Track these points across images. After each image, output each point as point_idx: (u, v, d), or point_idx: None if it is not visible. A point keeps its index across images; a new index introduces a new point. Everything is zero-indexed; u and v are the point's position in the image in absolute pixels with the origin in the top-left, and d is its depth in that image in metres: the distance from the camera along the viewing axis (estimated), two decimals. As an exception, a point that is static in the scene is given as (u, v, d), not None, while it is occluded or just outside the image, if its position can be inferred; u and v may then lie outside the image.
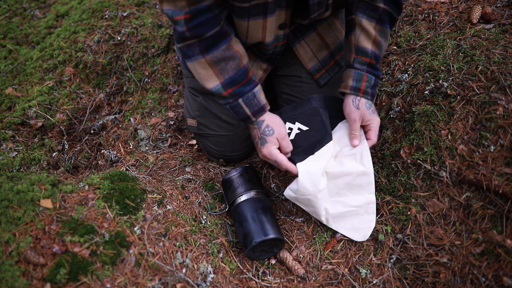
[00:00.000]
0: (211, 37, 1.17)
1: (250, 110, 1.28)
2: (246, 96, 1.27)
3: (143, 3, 2.11)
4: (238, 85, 1.25)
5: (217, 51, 1.20)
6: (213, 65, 1.22)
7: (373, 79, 1.34)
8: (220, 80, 1.24)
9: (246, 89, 1.26)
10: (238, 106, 1.27)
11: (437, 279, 1.21)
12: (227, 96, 1.26)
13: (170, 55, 1.97)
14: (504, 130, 1.23)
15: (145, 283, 1.09)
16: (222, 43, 1.20)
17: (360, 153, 1.36)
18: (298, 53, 1.51)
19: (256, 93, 1.28)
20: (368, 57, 1.32)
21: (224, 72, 1.23)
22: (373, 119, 1.34)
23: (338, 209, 1.35)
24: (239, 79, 1.25)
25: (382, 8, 1.27)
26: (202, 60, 1.21)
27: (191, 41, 1.18)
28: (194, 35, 1.16)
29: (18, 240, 1.06)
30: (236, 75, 1.24)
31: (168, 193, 1.38)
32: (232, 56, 1.22)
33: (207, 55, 1.20)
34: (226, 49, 1.21)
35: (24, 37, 2.20)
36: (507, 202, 1.17)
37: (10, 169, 1.57)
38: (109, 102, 1.95)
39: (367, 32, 1.30)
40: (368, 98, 1.34)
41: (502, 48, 1.38)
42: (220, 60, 1.21)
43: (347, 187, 1.36)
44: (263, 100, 1.29)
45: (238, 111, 1.29)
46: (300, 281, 1.26)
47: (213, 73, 1.23)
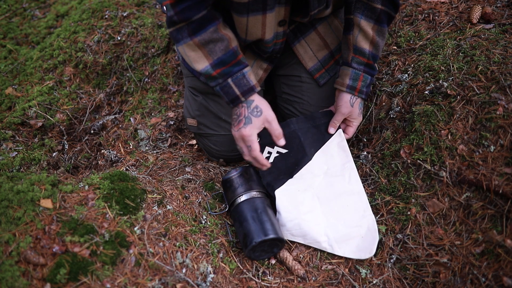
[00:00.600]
0: (199, 20, 1.20)
1: (239, 90, 1.27)
2: (235, 76, 1.27)
3: (143, 3, 2.11)
4: (227, 65, 1.26)
5: (205, 33, 1.22)
6: (201, 47, 1.24)
7: (369, 78, 1.40)
8: (209, 61, 1.25)
9: (235, 69, 1.26)
10: (227, 86, 1.27)
11: (437, 279, 1.21)
12: (216, 76, 1.27)
13: (170, 55, 1.97)
14: (504, 130, 1.23)
15: (145, 283, 1.09)
16: (210, 26, 1.22)
17: (348, 174, 1.44)
18: (298, 52, 1.51)
19: (245, 73, 1.28)
20: (366, 57, 1.37)
21: (213, 53, 1.24)
22: (358, 119, 1.46)
23: (339, 230, 1.34)
24: (228, 60, 1.25)
25: (380, 9, 1.30)
26: (191, 42, 1.23)
27: (179, 25, 1.21)
28: (181, 18, 1.19)
29: (18, 240, 1.06)
30: (224, 56, 1.25)
31: (168, 193, 1.38)
32: (220, 37, 1.23)
33: (195, 38, 1.22)
34: (214, 31, 1.22)
35: (24, 37, 2.20)
36: (507, 202, 1.17)
37: (10, 169, 1.57)
38: (109, 102, 1.95)
39: (365, 32, 1.34)
40: (362, 97, 1.42)
41: (502, 48, 1.38)
42: (208, 41, 1.23)
43: (342, 209, 1.39)
44: (252, 81, 1.28)
45: (227, 91, 1.29)
46: (300, 281, 1.26)
47: (202, 55, 1.25)
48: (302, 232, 1.31)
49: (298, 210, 1.34)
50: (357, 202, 1.39)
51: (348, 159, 1.45)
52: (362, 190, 1.40)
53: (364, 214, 1.36)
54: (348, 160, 1.45)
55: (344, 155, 1.46)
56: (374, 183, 1.45)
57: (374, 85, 1.60)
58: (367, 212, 1.36)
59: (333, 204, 1.39)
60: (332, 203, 1.39)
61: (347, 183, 1.42)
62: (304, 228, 1.31)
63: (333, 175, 1.44)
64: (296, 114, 1.58)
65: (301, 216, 1.33)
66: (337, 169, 1.45)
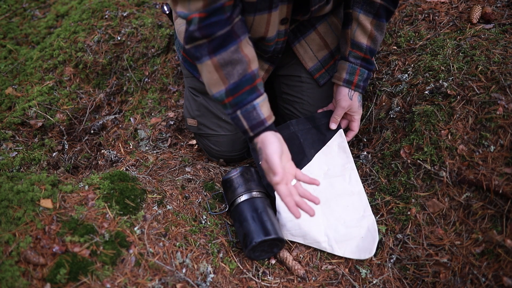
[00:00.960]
0: (221, 37, 1.12)
1: (248, 124, 1.17)
2: (245, 108, 1.17)
3: (143, 3, 2.11)
4: (240, 92, 1.17)
5: (225, 53, 1.13)
6: (219, 69, 1.15)
7: (366, 72, 1.40)
8: (225, 85, 1.16)
9: (247, 99, 1.17)
10: (237, 118, 1.19)
11: (437, 279, 1.21)
12: (227, 105, 1.19)
13: (170, 55, 1.97)
14: (504, 130, 1.23)
15: (145, 283, 1.09)
16: (231, 44, 1.14)
17: (349, 175, 1.44)
18: (298, 52, 1.51)
19: (256, 105, 1.17)
20: (363, 51, 1.38)
21: (230, 77, 1.15)
22: (358, 112, 1.45)
23: (339, 231, 1.34)
24: (243, 85, 1.16)
25: (379, 4, 1.31)
26: (209, 62, 1.15)
27: (200, 41, 1.13)
28: (204, 34, 1.11)
29: (18, 240, 1.06)
30: (241, 80, 1.16)
31: (168, 193, 1.38)
32: (240, 59, 1.15)
33: (214, 57, 1.14)
34: (235, 51, 1.14)
35: (24, 37, 2.20)
36: (507, 202, 1.17)
37: (10, 169, 1.57)
38: (109, 102, 1.95)
39: (363, 27, 1.34)
40: (359, 91, 1.42)
41: (502, 48, 1.38)
42: (227, 63, 1.14)
43: (342, 209, 1.38)
44: (264, 113, 1.17)
45: (238, 124, 1.20)
46: (300, 281, 1.26)
47: (219, 78, 1.16)
48: (302, 232, 1.31)
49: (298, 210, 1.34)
50: (357, 202, 1.39)
51: (348, 160, 1.45)
52: (362, 190, 1.41)
53: (364, 214, 1.36)
54: (349, 161, 1.45)
55: (345, 155, 1.46)
56: (374, 183, 1.45)
57: (374, 85, 1.60)
58: (367, 213, 1.36)
59: (333, 204, 1.39)
60: (332, 204, 1.39)
61: (347, 184, 1.42)
62: (304, 228, 1.31)
63: (333, 175, 1.44)
64: (296, 114, 1.58)
65: (301, 216, 1.33)
66: (338, 170, 1.45)
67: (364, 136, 1.56)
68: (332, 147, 1.46)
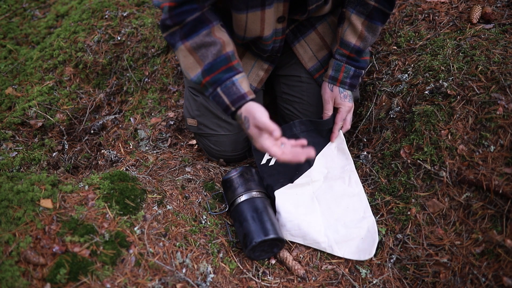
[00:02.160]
0: (191, 22, 1.15)
1: (228, 99, 1.18)
2: (224, 84, 1.18)
3: (143, 3, 2.11)
4: (216, 71, 1.18)
5: (197, 37, 1.16)
6: (193, 52, 1.18)
7: (352, 69, 1.41)
8: (201, 66, 1.18)
9: (224, 76, 1.18)
10: (217, 95, 1.20)
11: (437, 279, 1.21)
12: (206, 85, 1.20)
13: (170, 55, 1.97)
14: (504, 130, 1.23)
15: (145, 283, 1.09)
16: (203, 29, 1.17)
17: (348, 177, 1.44)
18: (298, 52, 1.51)
19: (235, 80, 1.18)
20: (349, 50, 1.39)
21: (205, 58, 1.18)
22: (343, 103, 1.43)
23: (339, 231, 1.34)
24: (218, 65, 1.18)
25: (373, 6, 1.31)
26: (182, 47, 1.18)
27: (173, 28, 1.17)
28: (175, 21, 1.16)
29: (18, 240, 1.06)
30: (215, 61, 1.17)
31: (168, 193, 1.38)
32: (213, 41, 1.17)
33: (186, 41, 1.17)
34: (207, 34, 1.17)
35: (24, 37, 2.20)
36: (507, 202, 1.17)
37: (10, 169, 1.57)
38: (109, 102, 1.95)
39: (354, 27, 1.35)
40: (346, 88, 1.42)
41: (502, 48, 1.38)
42: (200, 46, 1.17)
43: (342, 210, 1.39)
44: (244, 89, 1.18)
45: (218, 101, 1.21)
46: (300, 281, 1.26)
47: (194, 60, 1.19)
48: (301, 233, 1.31)
49: (297, 211, 1.34)
50: (357, 203, 1.39)
51: (348, 162, 1.45)
52: (362, 191, 1.41)
53: (364, 215, 1.36)
54: (348, 163, 1.45)
55: (344, 157, 1.46)
56: (374, 183, 1.45)
57: (374, 85, 1.60)
58: (367, 214, 1.36)
59: (333, 206, 1.39)
60: (332, 205, 1.39)
61: (347, 186, 1.42)
62: (304, 228, 1.31)
63: (333, 178, 1.44)
64: (296, 114, 1.58)
65: (300, 217, 1.33)
66: (337, 172, 1.45)
67: (364, 136, 1.56)
68: (331, 149, 1.47)
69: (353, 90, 1.45)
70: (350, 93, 1.44)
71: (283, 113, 1.64)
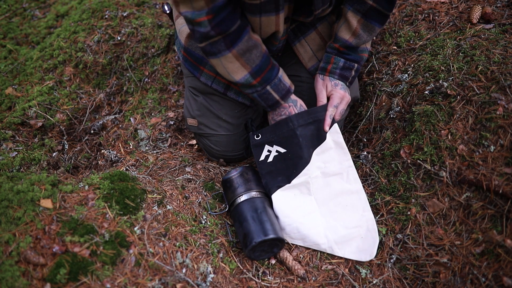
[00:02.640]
0: (235, 31, 1.19)
1: (278, 95, 1.34)
2: (273, 82, 1.32)
3: (143, 3, 2.11)
4: (265, 71, 1.29)
5: (241, 43, 1.22)
6: (239, 57, 1.24)
7: (342, 61, 1.42)
8: (248, 69, 1.27)
9: (272, 74, 1.31)
10: (266, 93, 1.32)
11: (437, 279, 1.21)
12: (256, 85, 1.30)
13: (170, 55, 1.97)
14: (504, 130, 1.23)
15: (145, 283, 1.09)
16: (244, 35, 1.22)
17: (346, 173, 1.42)
18: (298, 52, 1.51)
19: (281, 77, 1.34)
20: (339, 44, 1.41)
21: (251, 62, 1.26)
22: (335, 90, 1.42)
23: (338, 232, 1.33)
24: (265, 66, 1.29)
25: (370, 5, 1.31)
26: (229, 54, 1.23)
27: (215, 38, 1.19)
28: (219, 32, 1.17)
29: (18, 240, 1.06)
30: (261, 62, 1.28)
31: (168, 193, 1.38)
32: (254, 44, 1.25)
33: (233, 49, 1.22)
34: (248, 39, 1.23)
35: (24, 37, 2.20)
36: (507, 202, 1.17)
37: (10, 169, 1.57)
38: (109, 102, 1.95)
39: (349, 23, 1.36)
40: (335, 78, 1.43)
41: (502, 48, 1.38)
42: (245, 51, 1.24)
43: (341, 209, 1.37)
44: (287, 82, 1.35)
45: (266, 98, 1.33)
46: (300, 281, 1.26)
47: (240, 65, 1.26)
48: (301, 235, 1.31)
49: (295, 214, 1.34)
50: (356, 201, 1.38)
51: (346, 157, 1.42)
52: (361, 189, 1.40)
53: (363, 214, 1.36)
54: (346, 158, 1.42)
55: (342, 152, 1.43)
56: (374, 183, 1.45)
57: (374, 85, 1.60)
58: (366, 212, 1.36)
59: (331, 204, 1.39)
60: (330, 204, 1.39)
61: (345, 182, 1.40)
62: (303, 231, 1.31)
63: (331, 173, 1.41)
64: (296, 114, 1.58)
65: (299, 219, 1.32)
66: (335, 167, 1.42)
67: (364, 136, 1.56)
68: (328, 143, 1.43)
69: (346, 82, 1.44)
70: (342, 83, 1.43)
71: (283, 113, 1.64)
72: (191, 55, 1.49)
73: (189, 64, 1.52)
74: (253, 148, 1.44)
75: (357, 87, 1.58)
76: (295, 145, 1.41)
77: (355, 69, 1.43)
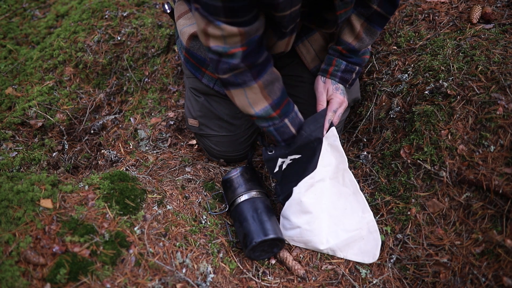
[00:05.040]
0: (262, 63, 1.20)
1: (294, 128, 1.33)
2: (291, 116, 1.31)
3: (143, 3, 2.11)
4: (283, 104, 1.29)
5: (266, 75, 1.23)
6: (263, 89, 1.24)
7: (344, 64, 1.41)
8: (269, 101, 1.26)
9: (290, 107, 1.31)
10: (284, 126, 1.31)
11: (437, 279, 1.21)
12: (275, 117, 1.29)
13: (170, 55, 1.97)
14: (504, 130, 1.23)
15: (145, 283, 1.09)
16: (268, 66, 1.23)
17: (342, 176, 1.41)
18: (301, 52, 1.51)
19: (297, 111, 1.34)
20: (342, 46, 1.40)
21: (272, 94, 1.26)
22: (335, 95, 1.42)
23: (340, 236, 1.33)
24: (283, 99, 1.29)
25: (374, 10, 1.31)
26: (255, 85, 1.22)
27: (241, 69, 1.18)
28: (248, 64, 1.17)
29: (18, 240, 1.06)
30: (282, 94, 1.28)
31: (168, 193, 1.38)
32: (277, 77, 1.26)
33: (259, 80, 1.22)
34: (272, 71, 1.24)
35: (24, 37, 2.20)
36: (507, 202, 1.17)
37: (10, 169, 1.57)
38: (109, 102, 1.95)
39: (352, 26, 1.35)
40: (336, 81, 1.42)
41: (502, 48, 1.38)
42: (270, 82, 1.24)
43: (340, 213, 1.37)
44: (301, 116, 1.35)
45: (283, 132, 1.32)
46: (300, 281, 1.26)
47: (262, 96, 1.25)
48: (303, 240, 1.32)
49: (299, 220, 1.33)
50: (355, 203, 1.38)
51: (341, 160, 1.41)
52: (358, 190, 1.39)
53: (363, 215, 1.36)
54: (342, 161, 1.41)
55: (339, 155, 1.42)
56: (374, 183, 1.45)
57: (374, 85, 1.60)
58: (366, 214, 1.36)
59: (331, 209, 1.37)
60: (330, 209, 1.37)
61: (341, 186, 1.40)
62: (306, 237, 1.31)
63: (328, 178, 1.41)
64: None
65: (303, 226, 1.32)
66: (332, 172, 1.42)
67: (364, 136, 1.56)
68: (325, 147, 1.43)
69: (346, 84, 1.44)
70: (342, 87, 1.44)
71: (283, 113, 1.64)
72: (193, 56, 1.49)
73: (191, 65, 1.52)
74: (266, 162, 1.40)
75: (358, 88, 1.58)
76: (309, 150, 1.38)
77: (356, 71, 1.43)
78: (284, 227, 1.34)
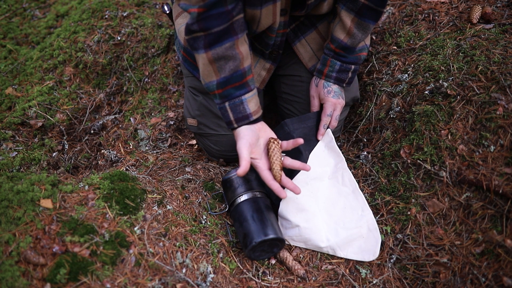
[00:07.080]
0: (217, 33, 1.16)
1: (233, 116, 1.24)
2: (233, 101, 1.24)
3: (143, 3, 2.11)
4: (229, 86, 1.23)
5: (219, 48, 1.18)
6: (213, 62, 1.20)
7: (338, 64, 1.41)
8: (217, 77, 1.22)
9: (236, 93, 1.23)
10: (223, 109, 1.26)
11: (437, 279, 1.21)
12: (216, 95, 1.25)
13: (170, 55, 1.97)
14: (504, 130, 1.23)
15: (145, 283, 1.09)
16: (227, 41, 1.18)
17: (341, 175, 1.42)
18: (299, 52, 1.51)
19: (244, 100, 1.24)
20: (335, 45, 1.40)
21: (222, 71, 1.21)
22: (327, 99, 1.42)
23: (340, 234, 1.33)
24: (232, 81, 1.22)
25: (362, 3, 1.31)
26: (204, 55, 1.20)
27: (198, 34, 1.17)
28: (202, 27, 1.15)
29: (18, 240, 1.06)
30: (231, 75, 1.22)
31: (168, 193, 1.38)
32: (233, 56, 1.20)
33: (209, 51, 1.18)
34: (230, 47, 1.19)
35: (24, 37, 2.20)
36: (507, 202, 1.17)
37: (10, 169, 1.57)
38: (109, 102, 1.95)
39: (343, 23, 1.36)
40: (331, 82, 1.42)
41: (502, 48, 1.38)
42: (221, 57, 1.19)
43: (339, 211, 1.38)
44: (250, 108, 1.25)
45: (224, 114, 1.27)
46: (300, 281, 1.26)
47: (212, 70, 1.22)
48: (303, 239, 1.32)
49: (297, 219, 1.33)
50: (354, 202, 1.38)
51: (339, 159, 1.43)
52: (357, 188, 1.40)
53: (362, 214, 1.36)
54: (339, 160, 1.43)
55: (335, 155, 1.44)
56: (374, 183, 1.45)
57: (374, 85, 1.60)
58: (365, 212, 1.36)
59: (330, 208, 1.38)
60: (329, 207, 1.38)
61: (340, 185, 1.41)
62: (305, 235, 1.31)
63: (326, 177, 1.42)
64: (296, 114, 1.58)
65: (301, 224, 1.32)
66: (330, 172, 1.43)
67: (364, 136, 1.56)
68: (321, 148, 1.45)
69: (342, 84, 1.44)
70: (336, 88, 1.43)
71: (283, 113, 1.64)
72: (191, 55, 1.49)
73: (189, 64, 1.52)
74: None
75: (357, 87, 1.58)
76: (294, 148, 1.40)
77: (352, 70, 1.43)
78: (284, 227, 1.34)
